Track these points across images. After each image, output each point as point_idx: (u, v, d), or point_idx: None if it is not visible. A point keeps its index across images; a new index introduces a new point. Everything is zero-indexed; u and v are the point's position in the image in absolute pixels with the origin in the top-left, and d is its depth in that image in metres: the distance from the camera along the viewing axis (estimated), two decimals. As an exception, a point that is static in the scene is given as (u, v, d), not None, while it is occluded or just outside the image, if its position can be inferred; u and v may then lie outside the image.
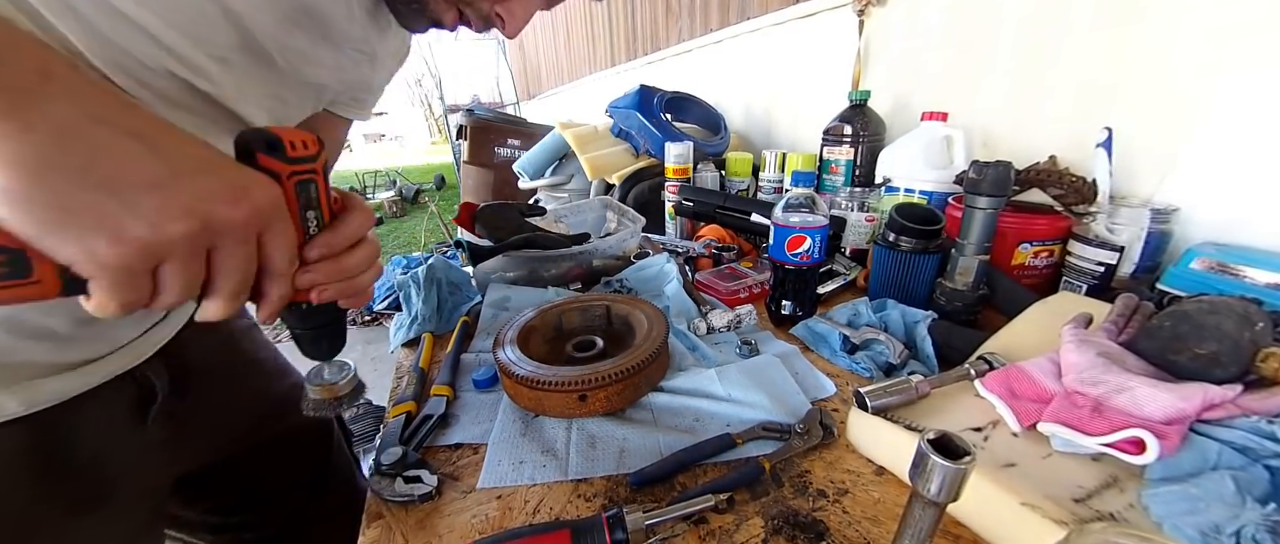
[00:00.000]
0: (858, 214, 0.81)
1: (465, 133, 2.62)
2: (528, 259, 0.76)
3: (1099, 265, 0.62)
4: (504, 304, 0.69)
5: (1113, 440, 0.35)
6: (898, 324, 0.58)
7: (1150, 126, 0.65)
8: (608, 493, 0.40)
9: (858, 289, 0.76)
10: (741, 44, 1.47)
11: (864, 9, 1.01)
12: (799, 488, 0.40)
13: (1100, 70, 0.70)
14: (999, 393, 0.42)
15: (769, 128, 1.42)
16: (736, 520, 0.37)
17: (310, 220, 0.27)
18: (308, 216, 0.27)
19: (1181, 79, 0.62)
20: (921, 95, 0.96)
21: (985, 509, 0.34)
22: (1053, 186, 0.70)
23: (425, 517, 0.39)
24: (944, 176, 0.81)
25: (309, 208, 0.27)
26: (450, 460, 0.45)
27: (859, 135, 0.94)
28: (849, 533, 0.36)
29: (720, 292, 0.72)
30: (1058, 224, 0.67)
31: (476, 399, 0.52)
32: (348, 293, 0.30)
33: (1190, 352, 0.40)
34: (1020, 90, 0.80)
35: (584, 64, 3.06)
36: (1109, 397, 0.38)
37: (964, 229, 0.60)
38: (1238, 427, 0.35)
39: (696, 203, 0.95)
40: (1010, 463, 0.37)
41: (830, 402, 0.51)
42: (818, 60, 1.20)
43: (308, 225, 0.27)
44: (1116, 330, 0.47)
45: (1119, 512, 0.33)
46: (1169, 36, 0.62)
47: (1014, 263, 0.68)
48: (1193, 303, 0.42)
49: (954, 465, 0.23)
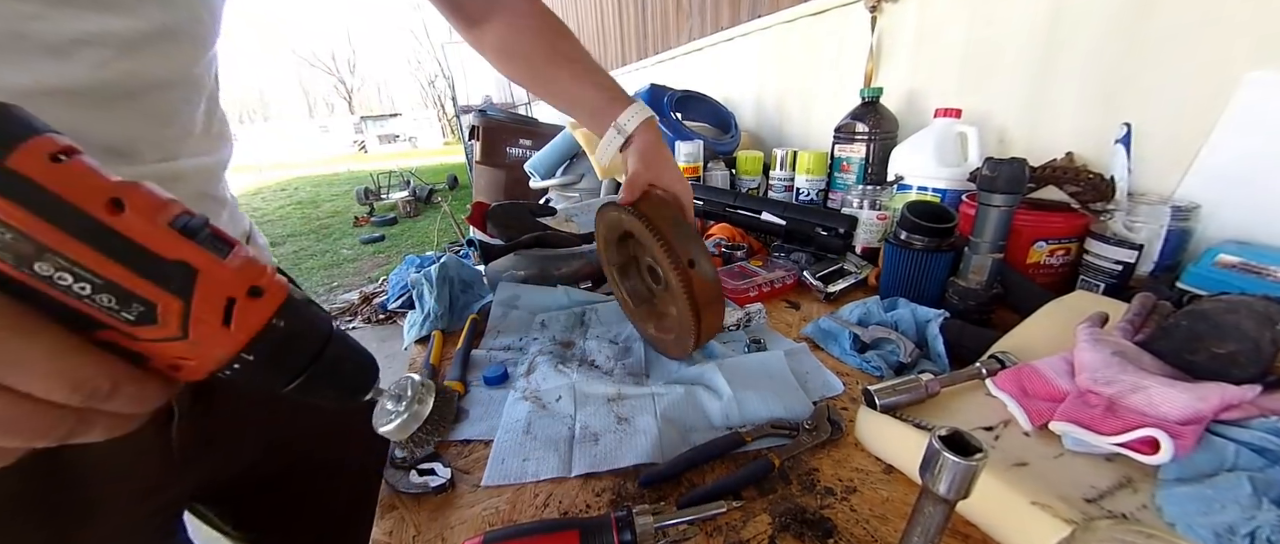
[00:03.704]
0: (870, 212, 0.81)
1: (478, 133, 2.64)
2: (538, 257, 0.77)
3: (1117, 264, 0.61)
4: (514, 302, 0.70)
5: (1126, 440, 0.35)
6: (909, 323, 0.58)
7: (1170, 122, 0.64)
8: (616, 488, 0.41)
9: (869, 288, 0.76)
10: (752, 42, 1.47)
11: (877, 5, 1.00)
12: (807, 485, 0.40)
13: (1118, 64, 0.68)
14: (1011, 391, 0.42)
15: (780, 126, 1.41)
16: (744, 517, 0.37)
17: (49, 270, 0.17)
18: (36, 270, 0.16)
19: (1203, 73, 0.61)
20: (934, 92, 0.95)
21: (995, 508, 0.34)
22: (1069, 184, 0.69)
23: (437, 509, 0.40)
24: (957, 174, 0.80)
25: (17, 254, 0.16)
26: (462, 455, 0.45)
27: (871, 133, 0.93)
28: (856, 531, 0.36)
29: (730, 290, 0.72)
30: (1074, 222, 0.66)
31: (487, 395, 0.53)
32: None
33: (1208, 351, 0.40)
34: (1036, 86, 0.79)
35: (595, 63, 3.07)
36: (1123, 396, 0.37)
37: (977, 227, 0.59)
38: (1256, 427, 0.34)
39: (707, 201, 0.95)
40: (1021, 462, 0.37)
41: (839, 400, 0.51)
42: (829, 57, 1.19)
43: (57, 282, 0.17)
44: (1133, 329, 0.46)
45: (1132, 512, 0.32)
46: (1189, 29, 0.61)
47: (1029, 261, 0.67)
48: (1211, 302, 0.41)
49: (965, 463, 0.23)
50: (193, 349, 0.20)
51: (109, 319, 0.18)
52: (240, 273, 0.21)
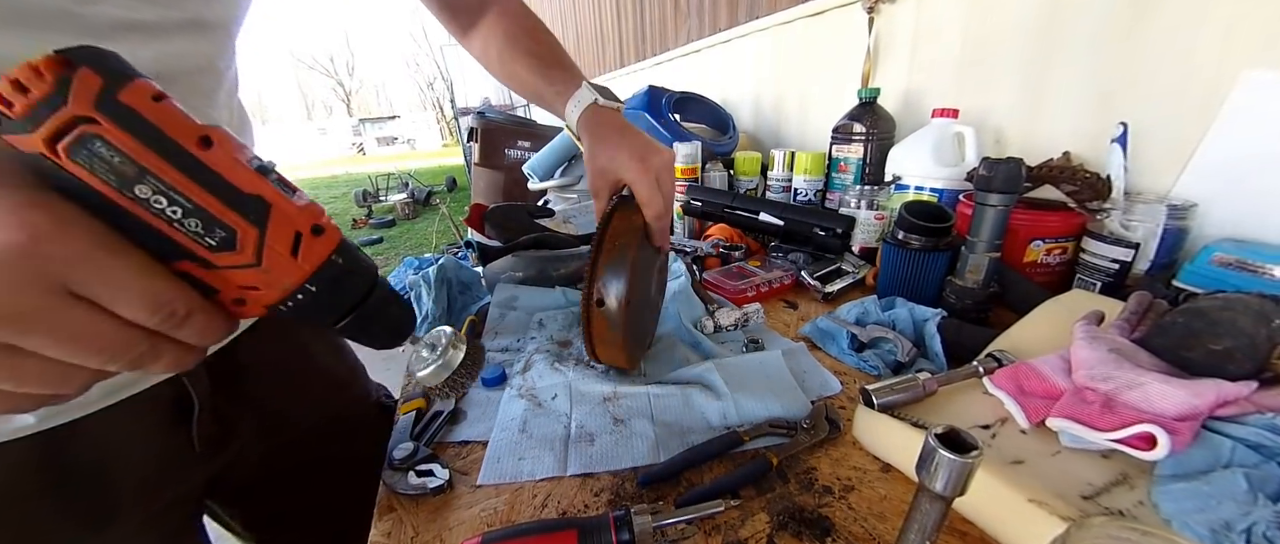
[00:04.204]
0: (867, 212, 0.81)
1: (476, 135, 2.64)
2: (536, 259, 0.77)
3: (1113, 262, 0.61)
4: (512, 303, 0.70)
5: (1123, 436, 0.35)
6: (906, 322, 0.58)
7: (1167, 121, 0.64)
8: (614, 488, 0.41)
9: (866, 287, 0.76)
10: (750, 43, 1.47)
11: (874, 6, 1.00)
12: (805, 484, 0.40)
13: (1115, 64, 0.69)
14: (1008, 389, 0.42)
15: (777, 127, 1.42)
16: (742, 516, 0.37)
17: (147, 193, 0.18)
18: (136, 193, 0.18)
19: (1199, 72, 0.61)
20: (932, 92, 0.95)
21: (992, 505, 0.34)
22: (1066, 183, 0.69)
23: (435, 510, 0.40)
24: (955, 174, 0.80)
25: (121, 176, 0.18)
26: (459, 456, 0.45)
27: (869, 133, 0.93)
28: (854, 529, 0.36)
29: (728, 290, 0.72)
30: (1071, 221, 0.67)
31: (484, 397, 0.53)
32: None
33: (1204, 348, 0.40)
34: (1032, 85, 0.79)
35: (593, 65, 3.08)
36: (1120, 392, 0.37)
37: (975, 226, 0.59)
38: (1252, 424, 0.34)
39: (704, 202, 0.95)
40: (1018, 459, 0.37)
41: (837, 399, 0.51)
42: (827, 58, 1.19)
43: (151, 205, 0.19)
44: (1129, 327, 0.46)
45: (1128, 508, 0.32)
46: (1186, 28, 0.61)
47: (1026, 260, 0.67)
48: (1207, 299, 0.41)
49: (961, 460, 0.23)
50: (264, 276, 0.22)
51: (192, 244, 0.20)
52: (305, 211, 0.23)
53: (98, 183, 0.18)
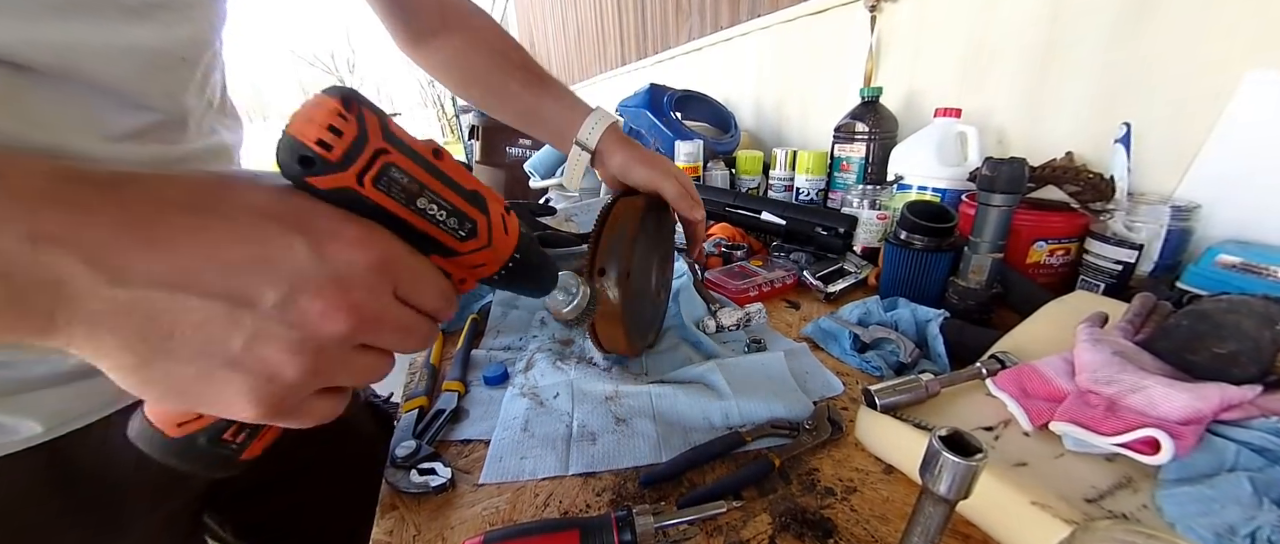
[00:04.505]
0: (869, 212, 0.81)
1: (477, 133, 2.64)
2: (538, 257, 0.77)
3: (1117, 264, 0.61)
4: (514, 302, 0.70)
5: (1126, 440, 0.35)
6: (909, 323, 0.58)
7: (1170, 122, 0.64)
8: (616, 488, 0.41)
9: (869, 288, 0.76)
10: (752, 42, 1.47)
11: (876, 4, 1.00)
12: (807, 485, 0.40)
13: (1118, 64, 0.68)
14: (1011, 391, 0.42)
15: (779, 126, 1.41)
16: (744, 517, 0.37)
17: (425, 203, 0.22)
18: (418, 205, 0.21)
19: (1203, 73, 0.61)
20: (934, 92, 0.95)
21: (995, 508, 0.34)
22: (1069, 183, 0.69)
23: (437, 509, 0.40)
24: (957, 174, 0.80)
25: (408, 193, 0.21)
26: (462, 454, 0.45)
27: (871, 132, 0.93)
28: (857, 531, 0.36)
29: (730, 290, 0.72)
30: (1074, 222, 0.66)
31: (486, 395, 0.53)
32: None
33: (1208, 351, 0.40)
34: (1035, 85, 0.79)
35: (594, 63, 3.07)
36: (1123, 396, 0.37)
37: (977, 227, 0.59)
38: (1256, 427, 0.34)
39: (706, 201, 0.95)
40: (1021, 462, 0.37)
41: (839, 400, 0.51)
42: (829, 57, 1.19)
43: (427, 213, 0.22)
44: (1133, 329, 0.46)
45: (1132, 512, 0.32)
46: (1189, 29, 0.61)
47: (1029, 261, 0.67)
48: (1212, 301, 0.41)
49: (965, 463, 0.23)
50: (492, 253, 0.25)
51: (448, 238, 0.23)
52: (497, 196, 0.26)
53: (391, 203, 0.21)
